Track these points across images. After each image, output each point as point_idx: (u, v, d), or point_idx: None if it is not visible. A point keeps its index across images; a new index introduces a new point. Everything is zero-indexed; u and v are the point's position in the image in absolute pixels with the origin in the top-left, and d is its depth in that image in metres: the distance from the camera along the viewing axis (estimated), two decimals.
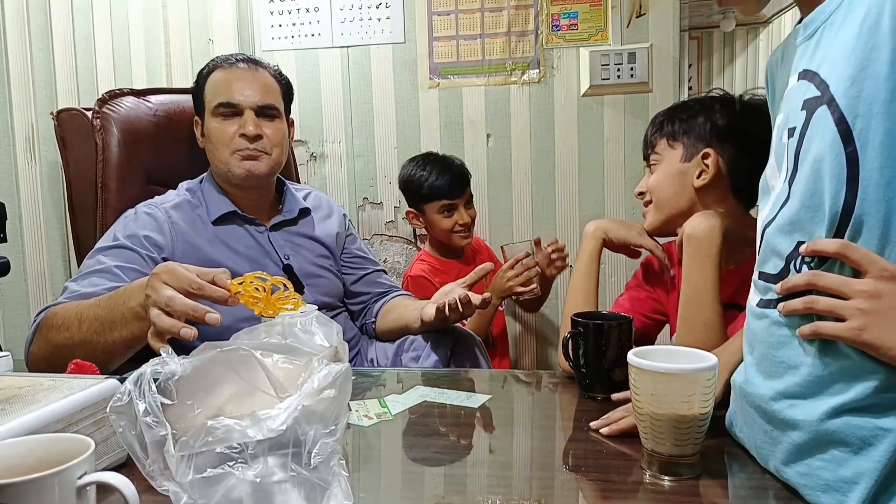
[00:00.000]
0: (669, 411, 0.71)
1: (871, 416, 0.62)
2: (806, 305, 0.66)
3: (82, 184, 1.48)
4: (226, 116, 1.31)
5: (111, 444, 0.76)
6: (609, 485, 0.75)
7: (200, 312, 0.85)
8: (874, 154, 0.62)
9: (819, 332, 0.65)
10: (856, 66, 0.63)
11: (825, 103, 0.66)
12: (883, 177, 0.62)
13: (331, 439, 0.64)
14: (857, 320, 0.62)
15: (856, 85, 0.63)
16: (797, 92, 0.72)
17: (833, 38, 0.67)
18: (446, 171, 1.78)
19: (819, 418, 0.65)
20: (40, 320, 1.10)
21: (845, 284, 0.63)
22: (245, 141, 1.30)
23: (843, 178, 0.63)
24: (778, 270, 0.72)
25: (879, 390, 0.62)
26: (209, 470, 0.60)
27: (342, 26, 2.02)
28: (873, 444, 0.62)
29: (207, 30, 2.02)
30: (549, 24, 1.95)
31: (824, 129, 0.65)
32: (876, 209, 0.62)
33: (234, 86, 1.31)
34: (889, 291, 0.61)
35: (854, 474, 0.63)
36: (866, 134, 0.62)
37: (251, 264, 1.30)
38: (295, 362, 0.70)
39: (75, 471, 0.52)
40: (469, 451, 0.86)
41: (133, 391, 0.63)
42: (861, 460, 0.62)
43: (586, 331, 1.00)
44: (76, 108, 1.52)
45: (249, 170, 1.31)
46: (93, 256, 1.21)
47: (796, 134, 0.70)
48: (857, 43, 0.63)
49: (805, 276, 0.67)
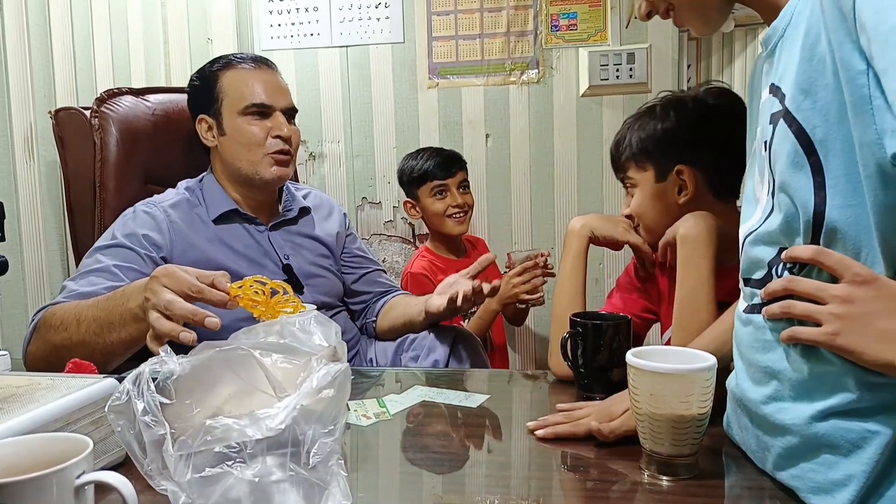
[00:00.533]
0: (668, 411, 0.72)
1: (859, 419, 0.63)
2: (783, 310, 0.66)
3: (81, 183, 1.47)
4: (256, 116, 1.31)
5: (109, 444, 0.76)
6: (607, 485, 0.75)
7: (200, 317, 0.84)
8: (837, 161, 0.63)
9: (796, 336, 0.65)
10: (806, 80, 0.65)
11: (783, 116, 0.68)
12: (849, 182, 0.62)
13: (329, 439, 0.63)
14: (831, 325, 0.62)
15: (810, 97, 0.65)
16: (766, 106, 0.73)
17: (788, 53, 0.70)
18: (435, 155, 1.81)
19: (807, 422, 0.65)
20: (38, 320, 1.09)
21: (821, 290, 0.64)
22: (280, 142, 1.31)
23: (811, 188, 0.64)
24: (762, 277, 0.73)
25: (864, 393, 0.62)
26: (207, 469, 0.59)
27: (341, 26, 2.02)
28: (862, 446, 0.62)
29: (206, 29, 2.02)
30: (549, 24, 1.95)
31: (784, 140, 0.67)
32: (846, 215, 0.63)
33: (266, 87, 1.32)
34: (862, 296, 0.61)
35: (844, 476, 0.63)
36: (826, 143, 0.63)
37: (250, 264, 1.30)
38: (294, 362, 0.70)
39: (73, 470, 0.52)
40: (467, 451, 0.86)
41: (132, 390, 0.63)
42: (850, 463, 0.63)
43: (585, 331, 1.00)
44: (74, 108, 1.52)
45: (280, 175, 1.33)
46: (91, 255, 1.21)
47: (767, 147, 0.72)
48: (802, 56, 0.65)
49: (782, 281, 0.67)
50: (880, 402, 0.62)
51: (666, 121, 1.08)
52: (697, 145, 1.06)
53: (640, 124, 1.10)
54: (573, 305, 1.11)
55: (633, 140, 1.10)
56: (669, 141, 1.07)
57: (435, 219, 1.81)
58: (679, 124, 1.07)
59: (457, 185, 1.80)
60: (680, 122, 1.07)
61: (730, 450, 0.80)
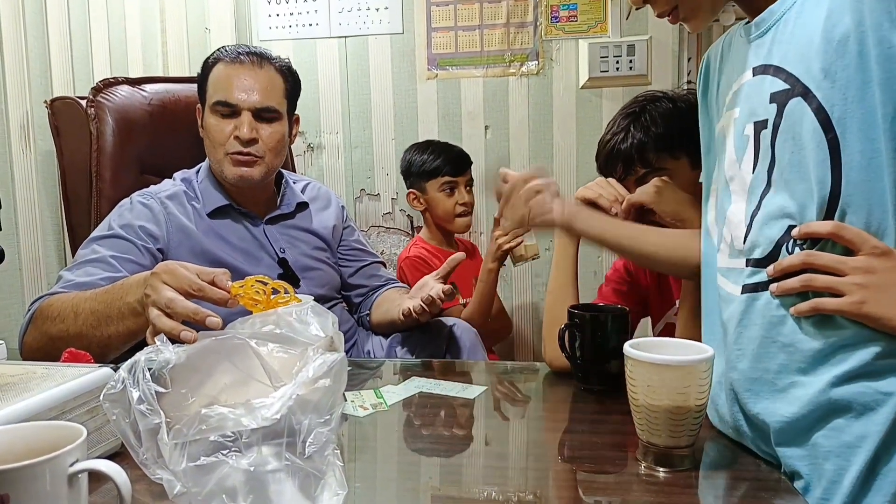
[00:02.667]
0: (665, 403, 0.71)
1: (872, 380, 0.66)
2: (803, 284, 0.69)
3: (77, 173, 1.47)
4: (223, 115, 1.28)
5: (105, 433, 0.75)
6: (604, 476, 0.75)
7: (201, 316, 0.83)
8: (854, 139, 0.66)
9: (819, 307, 0.68)
10: (826, 60, 0.67)
11: (799, 95, 0.69)
12: (864, 159, 0.66)
13: (325, 429, 0.63)
14: (856, 294, 0.65)
15: (829, 77, 0.67)
16: (758, 86, 0.75)
17: (792, 35, 0.72)
18: (449, 151, 1.83)
19: (821, 389, 0.68)
20: (35, 310, 1.09)
21: (841, 262, 0.67)
22: (238, 144, 1.27)
23: (827, 165, 0.67)
24: (765, 255, 0.73)
25: (878, 357, 0.66)
26: (203, 458, 0.59)
27: (340, 16, 2.00)
28: (875, 408, 0.66)
29: (204, 19, 2.01)
30: (548, 15, 1.94)
31: (802, 119, 0.69)
32: (860, 191, 0.66)
33: (235, 84, 1.28)
34: (882, 266, 0.65)
35: (856, 438, 0.66)
36: (845, 121, 0.66)
37: (246, 257, 1.29)
38: (290, 351, 0.70)
39: (67, 458, 0.52)
40: (465, 442, 0.86)
41: (127, 379, 0.63)
42: (863, 424, 0.66)
43: (583, 323, 0.99)
44: (70, 97, 1.51)
45: (241, 176, 1.29)
46: (88, 246, 1.20)
47: (769, 125, 0.73)
48: (823, 38, 0.67)
49: (799, 256, 0.69)
50: (893, 364, 0.66)
51: (682, 105, 1.09)
52: None
53: (656, 116, 1.09)
54: (564, 297, 1.10)
55: (656, 132, 1.09)
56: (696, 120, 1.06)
57: (443, 215, 1.83)
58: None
59: (465, 184, 1.83)
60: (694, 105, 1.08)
61: (727, 441, 0.80)
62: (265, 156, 1.30)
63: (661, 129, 1.09)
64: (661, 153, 1.09)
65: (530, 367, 1.23)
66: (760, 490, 0.70)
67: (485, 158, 2.01)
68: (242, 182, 1.30)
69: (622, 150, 1.11)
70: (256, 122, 1.28)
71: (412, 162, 1.85)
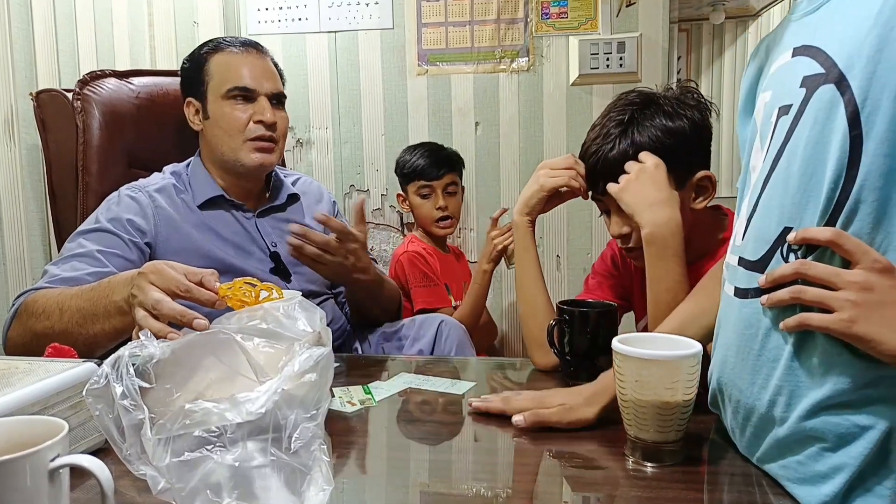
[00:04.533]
0: (653, 398, 0.71)
1: (849, 412, 0.61)
2: (793, 295, 0.63)
3: (63, 167, 1.45)
4: (237, 100, 1.29)
5: (89, 429, 0.75)
6: (592, 471, 0.75)
7: (188, 318, 0.82)
8: (877, 141, 0.59)
9: (806, 323, 0.62)
10: (873, 46, 0.60)
11: (832, 82, 0.62)
12: (885, 165, 0.59)
13: (311, 424, 0.63)
14: (847, 312, 0.59)
15: (870, 66, 0.60)
16: (793, 68, 0.68)
17: (844, 16, 0.64)
18: (431, 154, 1.81)
19: (798, 416, 0.64)
20: (19, 305, 1.08)
21: (836, 275, 0.61)
22: (262, 128, 1.28)
23: (844, 164, 0.60)
24: (758, 256, 0.68)
25: (856, 387, 0.61)
26: (187, 454, 0.59)
27: (330, 11, 1.99)
28: (850, 441, 0.61)
29: (192, 12, 1.99)
30: (539, 11, 1.93)
31: (830, 108, 0.62)
32: (872, 198, 0.60)
33: (250, 71, 1.29)
34: (880, 284, 0.59)
35: (829, 469, 0.62)
36: (873, 118, 0.59)
37: (237, 251, 1.28)
38: (276, 346, 0.69)
39: (47, 453, 0.51)
40: (453, 438, 0.86)
41: (111, 374, 0.62)
42: (838, 456, 0.61)
43: (571, 318, 0.99)
44: (56, 90, 1.49)
45: (262, 162, 1.30)
46: (74, 240, 1.19)
47: (792, 112, 0.67)
48: (876, 22, 0.60)
49: (793, 265, 0.63)
50: (873, 396, 0.60)
51: (674, 124, 0.99)
52: (707, 146, 1.03)
53: (636, 131, 1.00)
54: (535, 292, 1.10)
55: (643, 145, 0.99)
56: (686, 147, 0.99)
57: (422, 219, 1.84)
58: (691, 127, 1.00)
59: (443, 188, 1.80)
60: (691, 125, 1.00)
61: (715, 437, 0.81)
62: (279, 141, 1.33)
63: (649, 146, 0.99)
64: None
65: (518, 363, 1.23)
66: (748, 486, 0.70)
67: (475, 155, 2.00)
68: (261, 169, 1.32)
69: (608, 162, 1.02)
70: (272, 107, 1.31)
71: (398, 163, 1.85)
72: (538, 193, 1.09)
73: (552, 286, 2.01)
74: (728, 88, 3.84)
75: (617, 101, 1.06)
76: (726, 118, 3.69)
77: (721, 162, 3.66)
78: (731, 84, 3.85)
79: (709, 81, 3.85)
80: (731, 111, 3.72)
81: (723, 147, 3.63)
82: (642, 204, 0.96)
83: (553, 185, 1.07)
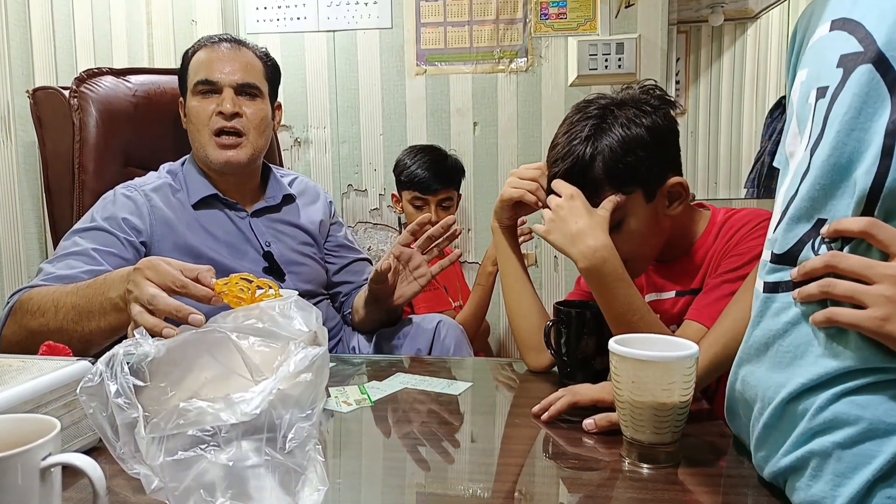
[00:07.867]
0: (649, 399, 0.71)
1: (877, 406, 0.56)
2: (822, 290, 0.58)
3: (59, 164, 1.44)
4: (205, 94, 1.28)
5: (82, 427, 0.74)
6: (588, 472, 0.74)
7: (184, 313, 0.82)
8: None
9: (834, 319, 0.57)
10: None
11: (869, 61, 0.57)
12: None
13: (307, 424, 0.62)
14: (880, 309, 0.54)
15: None
16: (829, 44, 0.63)
17: None
18: (431, 166, 1.76)
19: (820, 405, 0.58)
20: (14, 303, 1.07)
21: (869, 267, 0.55)
22: (222, 119, 1.27)
23: (880, 151, 0.55)
24: (785, 250, 0.64)
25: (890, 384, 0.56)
26: (180, 453, 0.58)
27: (328, 10, 1.99)
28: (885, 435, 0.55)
29: (190, 11, 1.98)
30: (538, 12, 1.93)
31: (869, 90, 0.57)
32: None
33: (215, 64, 1.29)
34: None
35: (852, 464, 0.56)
36: None
37: (231, 250, 1.28)
38: (272, 345, 0.69)
39: (39, 452, 0.50)
40: (450, 438, 0.86)
41: (105, 372, 0.62)
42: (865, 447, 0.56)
43: (568, 319, 0.99)
44: (53, 87, 1.48)
45: (228, 159, 1.28)
46: (69, 238, 1.18)
47: (828, 94, 0.61)
48: None
49: (823, 257, 0.59)
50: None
51: (635, 132, 0.93)
52: (673, 148, 0.98)
53: (601, 140, 0.93)
54: (521, 296, 1.09)
55: (604, 163, 0.93)
56: (655, 155, 0.94)
57: None
58: (656, 134, 0.94)
59: (437, 202, 1.78)
60: (656, 132, 0.94)
61: (711, 438, 0.80)
62: (249, 133, 1.29)
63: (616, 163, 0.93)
64: (608, 188, 0.94)
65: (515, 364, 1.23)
66: (743, 487, 0.70)
67: (473, 155, 2.00)
68: (228, 167, 1.29)
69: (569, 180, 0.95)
70: (239, 98, 1.29)
71: (398, 163, 1.83)
72: (500, 202, 1.07)
73: (551, 287, 2.02)
74: (727, 90, 3.84)
75: (577, 112, 0.99)
76: (726, 118, 3.69)
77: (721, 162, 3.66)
78: (730, 86, 3.84)
79: (707, 83, 3.85)
80: (730, 111, 3.72)
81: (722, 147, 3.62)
82: (566, 240, 0.91)
83: (510, 197, 1.04)
